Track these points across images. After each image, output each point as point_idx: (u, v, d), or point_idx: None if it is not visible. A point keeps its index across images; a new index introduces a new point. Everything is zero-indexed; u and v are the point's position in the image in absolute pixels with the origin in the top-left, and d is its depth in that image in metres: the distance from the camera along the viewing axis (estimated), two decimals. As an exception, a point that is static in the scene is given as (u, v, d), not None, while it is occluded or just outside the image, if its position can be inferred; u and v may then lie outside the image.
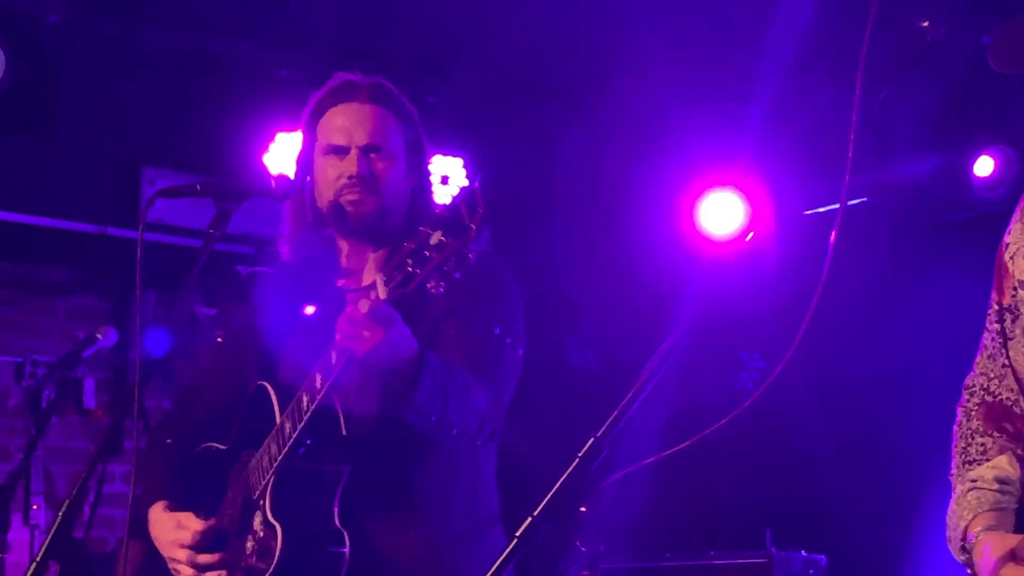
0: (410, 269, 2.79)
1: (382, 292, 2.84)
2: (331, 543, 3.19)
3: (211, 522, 3.41)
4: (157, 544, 3.48)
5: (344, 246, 3.57)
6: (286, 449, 3.19)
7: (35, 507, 7.91)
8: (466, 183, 7.75)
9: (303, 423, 3.13)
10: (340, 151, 3.48)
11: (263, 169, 6.92)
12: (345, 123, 3.50)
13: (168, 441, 3.69)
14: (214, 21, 7.05)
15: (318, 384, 3.11)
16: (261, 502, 3.25)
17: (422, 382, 2.99)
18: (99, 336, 5.35)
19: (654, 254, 7.90)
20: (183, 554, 3.40)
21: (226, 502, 3.46)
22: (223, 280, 7.32)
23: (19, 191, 6.94)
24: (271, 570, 3.17)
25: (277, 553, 3.15)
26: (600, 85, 7.67)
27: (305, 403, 3.14)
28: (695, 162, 7.64)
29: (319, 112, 3.56)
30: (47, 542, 3.05)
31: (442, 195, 7.62)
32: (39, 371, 8.12)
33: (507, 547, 1.90)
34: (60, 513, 3.08)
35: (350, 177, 3.42)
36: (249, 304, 3.74)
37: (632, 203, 7.99)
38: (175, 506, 3.51)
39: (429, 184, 3.59)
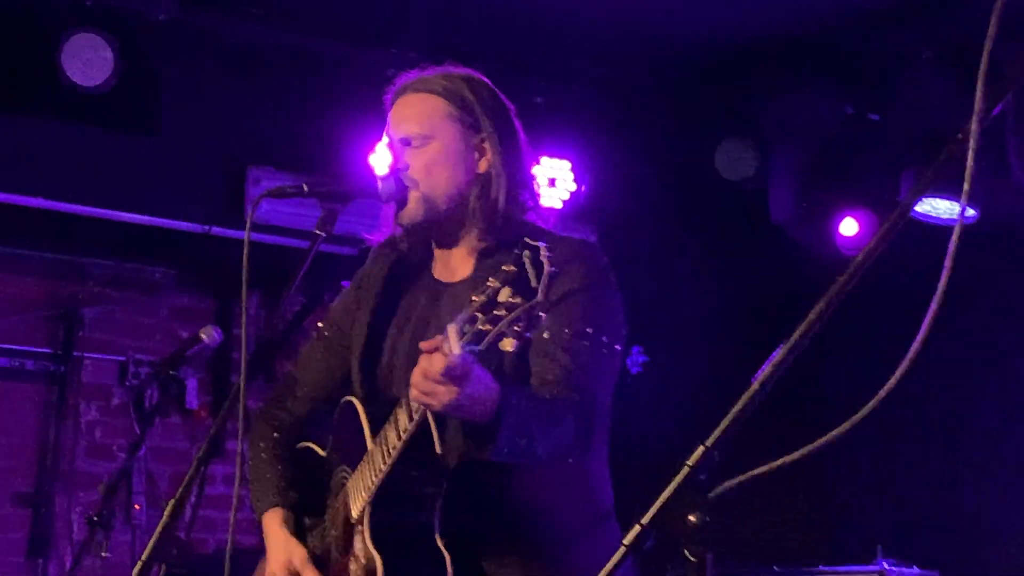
0: (480, 327, 2.75)
1: (455, 347, 2.77)
2: (432, 566, 3.17)
3: (310, 564, 3.44)
4: (267, 552, 3.51)
5: (432, 241, 3.56)
6: (380, 479, 3.18)
7: (137, 507, 8.01)
8: (573, 187, 7.75)
9: (393, 459, 3.13)
10: (391, 146, 3.50)
11: (369, 169, 6.96)
12: (393, 118, 3.51)
13: (275, 435, 3.71)
14: (320, 19, 7.11)
15: (403, 425, 3.09)
16: (359, 527, 3.26)
17: (503, 428, 2.94)
18: (203, 336, 5.40)
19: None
20: None
21: (328, 518, 3.48)
22: (326, 283, 7.38)
23: (124, 190, 7.01)
24: None
25: None
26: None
27: (392, 440, 3.13)
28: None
29: (388, 111, 3.57)
30: (152, 542, 3.08)
31: (550, 198, 7.63)
32: (142, 371, 8.21)
33: (619, 544, 1.90)
34: (165, 513, 3.11)
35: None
36: (350, 294, 3.74)
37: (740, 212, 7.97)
38: (289, 517, 3.54)
39: (502, 172, 3.44)
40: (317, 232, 3.33)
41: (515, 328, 2.74)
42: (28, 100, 6.66)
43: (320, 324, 3.81)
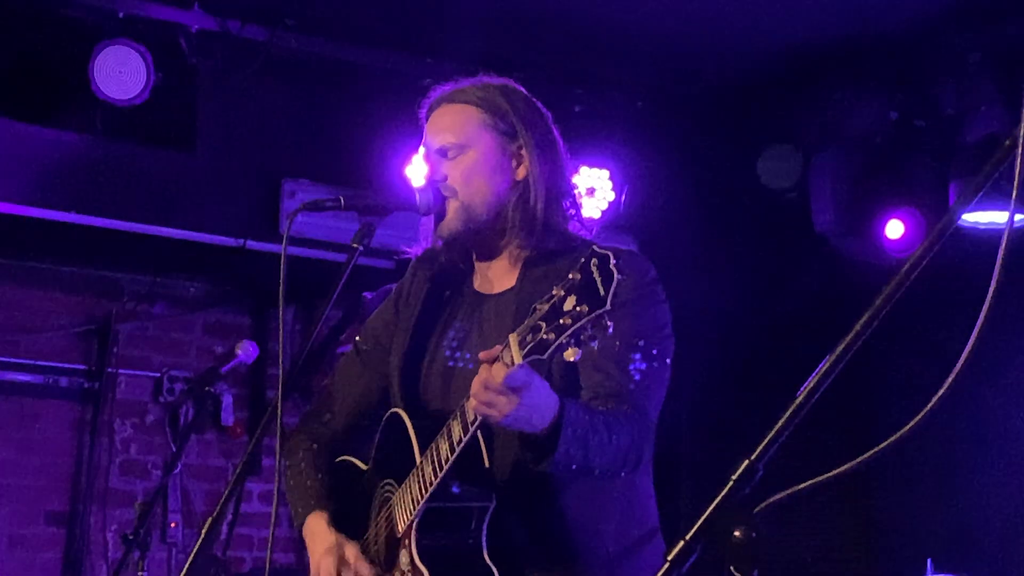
0: (544, 336, 2.74)
1: (517, 357, 2.77)
2: None
3: (362, 558, 3.42)
4: (311, 555, 3.51)
5: (473, 253, 3.57)
6: (428, 494, 3.17)
7: (173, 525, 8.04)
8: (612, 196, 7.75)
9: (443, 473, 3.13)
10: (427, 157, 3.51)
11: (405, 182, 6.97)
12: (429, 129, 3.52)
13: (314, 446, 3.71)
14: (355, 31, 7.12)
15: (456, 436, 3.07)
16: (406, 541, 3.25)
17: (562, 440, 2.95)
18: (239, 351, 5.43)
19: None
20: None
21: (372, 533, 3.48)
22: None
23: (158, 204, 7.02)
24: None
25: None
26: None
27: (444, 452, 3.12)
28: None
29: (424, 123, 3.58)
30: (189, 561, 3.09)
31: (589, 208, 7.63)
32: (177, 387, 8.25)
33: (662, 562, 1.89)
34: (202, 531, 3.12)
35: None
36: (388, 309, 3.75)
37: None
38: (333, 521, 3.52)
39: (540, 180, 3.43)
40: (354, 245, 3.33)
41: (581, 337, 2.72)
42: (61, 113, 6.70)
43: (357, 339, 3.81)
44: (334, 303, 3.42)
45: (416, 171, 6.91)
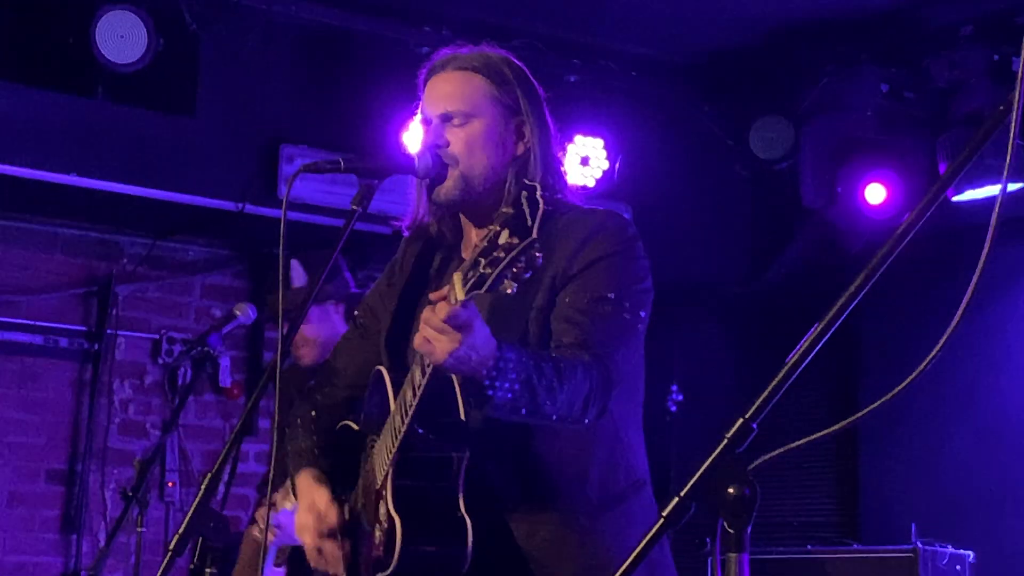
0: (482, 271, 2.72)
1: (460, 294, 2.77)
2: (453, 533, 3.16)
3: (344, 512, 3.43)
4: (297, 510, 3.51)
5: (462, 219, 3.54)
6: (399, 441, 3.17)
7: (170, 484, 8.05)
8: (606, 165, 7.75)
9: (409, 417, 3.11)
10: (427, 123, 3.48)
11: (402, 148, 6.96)
12: (430, 94, 3.47)
13: (312, 413, 3.72)
14: (354, -1, 7.13)
15: (417, 381, 3.08)
16: (383, 492, 3.25)
17: (498, 383, 2.92)
18: (238, 313, 5.42)
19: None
20: (308, 539, 3.43)
21: (358, 488, 3.49)
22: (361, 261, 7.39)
23: (158, 167, 7.02)
24: (394, 564, 3.15)
25: (398, 547, 3.14)
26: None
27: (409, 398, 3.12)
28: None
29: (422, 88, 3.56)
30: (189, 515, 3.10)
31: (583, 176, 7.64)
32: (175, 348, 8.25)
33: (656, 511, 1.90)
34: (202, 487, 3.12)
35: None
36: (383, 282, 3.75)
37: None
38: (322, 477, 3.51)
39: (539, 155, 3.43)
40: (353, 207, 3.31)
41: (513, 269, 2.72)
42: (63, 78, 6.68)
43: (356, 313, 3.82)
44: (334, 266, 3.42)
45: (413, 137, 6.90)
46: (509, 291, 2.74)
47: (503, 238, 2.73)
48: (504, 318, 3.06)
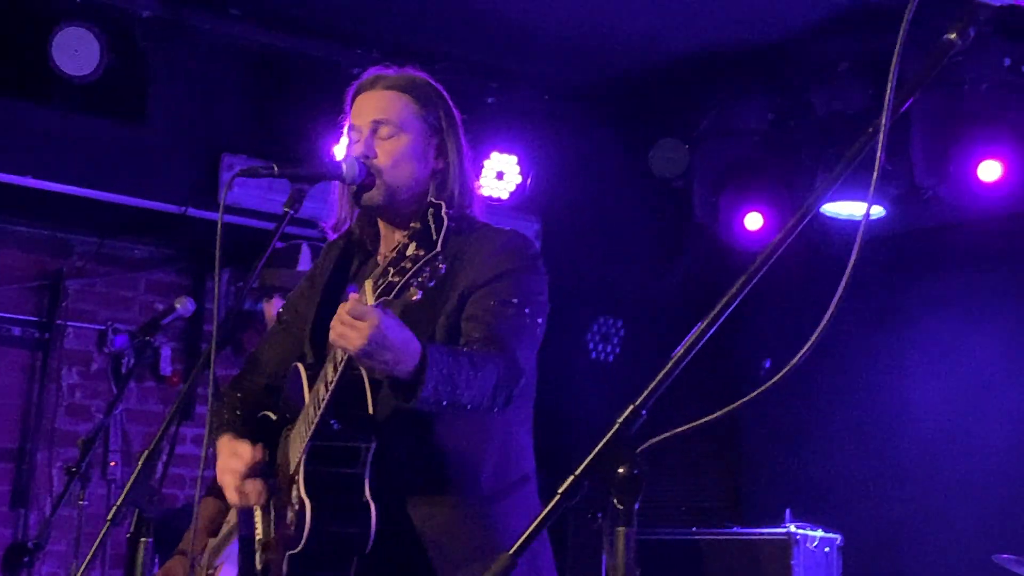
0: (391, 279, 2.84)
1: (370, 299, 2.87)
2: (359, 516, 3.20)
3: (264, 452, 3.41)
4: (217, 466, 3.48)
5: (381, 226, 3.57)
6: (312, 430, 3.19)
7: (112, 463, 7.99)
8: (519, 179, 7.77)
9: (322, 409, 3.14)
10: (355, 130, 3.50)
11: (333, 158, 6.95)
12: (360, 107, 3.51)
13: (238, 395, 3.70)
14: (292, 21, 7.11)
15: (329, 376, 3.12)
16: (296, 477, 3.26)
17: (427, 377, 2.97)
18: (178, 305, 5.38)
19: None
20: (231, 479, 3.40)
21: (275, 472, 3.48)
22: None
23: (108, 172, 6.98)
24: (303, 543, 3.17)
25: (307, 528, 3.16)
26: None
27: (322, 391, 3.15)
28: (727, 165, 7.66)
29: (350, 103, 3.58)
30: (127, 488, 3.08)
31: (498, 190, 7.65)
32: (120, 339, 8.19)
33: (538, 503, 1.92)
34: (140, 462, 3.11)
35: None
36: (306, 283, 3.75)
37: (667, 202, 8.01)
38: (243, 437, 3.49)
39: (456, 171, 3.50)
40: (285, 209, 3.33)
41: (419, 278, 2.83)
42: (21, 87, 6.64)
43: (280, 311, 3.83)
44: (265, 266, 3.42)
45: (342, 149, 6.88)
46: (415, 297, 2.85)
47: (411, 250, 2.84)
48: (413, 322, 3.08)
